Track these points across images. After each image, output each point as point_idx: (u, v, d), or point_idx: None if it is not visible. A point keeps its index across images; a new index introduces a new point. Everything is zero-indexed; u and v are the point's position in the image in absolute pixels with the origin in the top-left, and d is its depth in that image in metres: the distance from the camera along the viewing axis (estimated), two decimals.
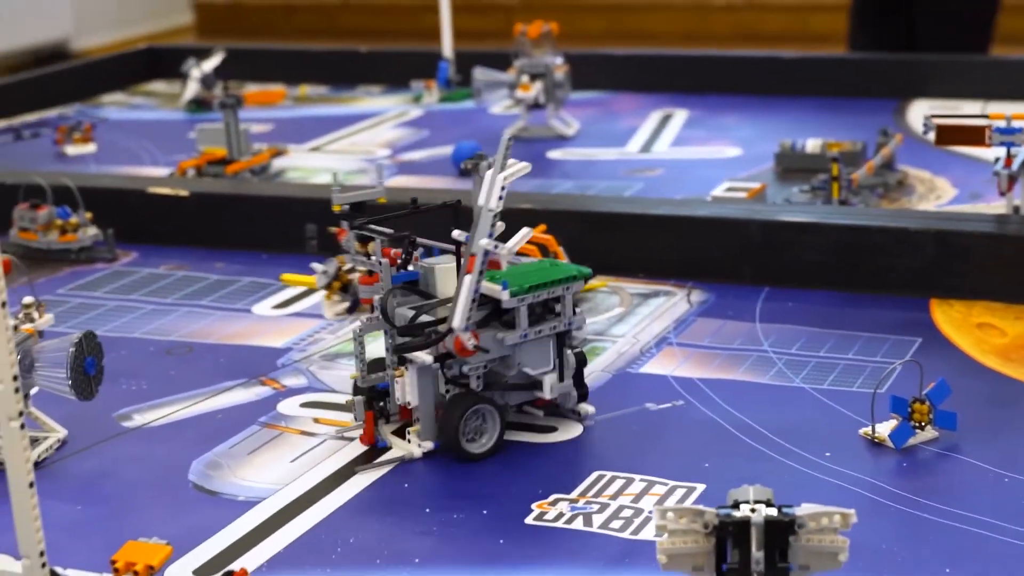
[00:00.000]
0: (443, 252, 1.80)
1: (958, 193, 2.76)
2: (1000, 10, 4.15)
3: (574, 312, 1.76)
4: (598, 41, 6.68)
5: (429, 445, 1.76)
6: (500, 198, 1.66)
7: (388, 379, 1.80)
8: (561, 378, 1.78)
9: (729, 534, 1.28)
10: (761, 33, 7.73)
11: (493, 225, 1.66)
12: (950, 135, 2.35)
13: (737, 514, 1.30)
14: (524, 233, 1.71)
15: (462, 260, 1.70)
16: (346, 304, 1.89)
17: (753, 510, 1.30)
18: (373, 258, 1.81)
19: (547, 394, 1.77)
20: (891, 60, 3.74)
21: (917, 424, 1.73)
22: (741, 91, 3.72)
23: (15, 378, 1.27)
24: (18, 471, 1.30)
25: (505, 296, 1.70)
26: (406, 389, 1.77)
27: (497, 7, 7.94)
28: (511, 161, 1.68)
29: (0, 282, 1.25)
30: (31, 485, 1.30)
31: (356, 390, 1.83)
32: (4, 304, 1.26)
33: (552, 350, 1.77)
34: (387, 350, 1.79)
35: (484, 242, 1.66)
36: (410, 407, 1.78)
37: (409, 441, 1.77)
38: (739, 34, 7.80)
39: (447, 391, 1.76)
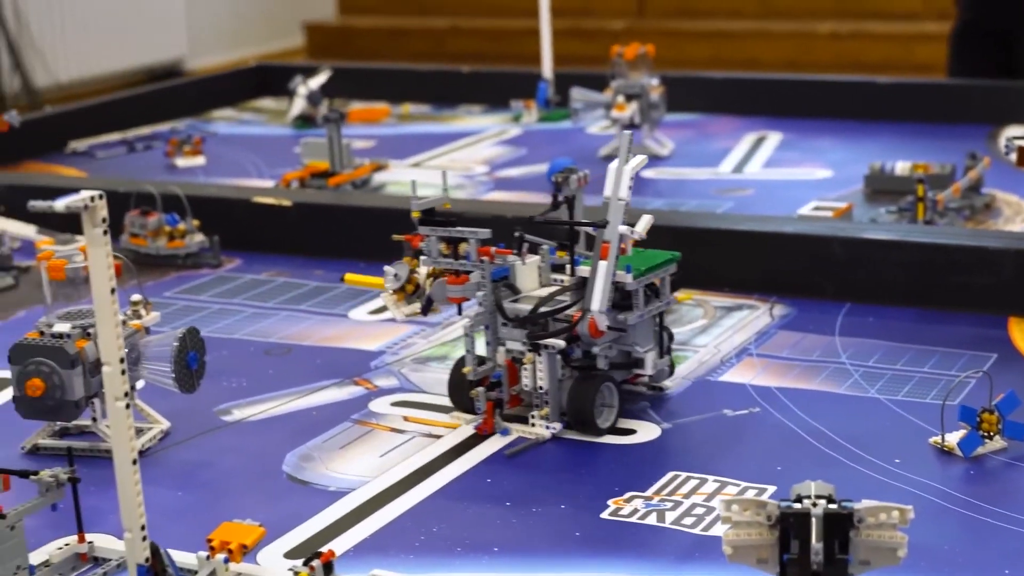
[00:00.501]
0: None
1: None
2: None
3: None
4: (702, 67, 6.72)
5: (557, 426, 1.87)
6: (629, 188, 1.79)
7: (501, 370, 1.90)
8: (660, 355, 1.93)
9: (790, 526, 1.34)
10: (865, 62, 7.72)
11: (624, 213, 1.79)
12: None
13: (798, 506, 1.36)
14: (648, 219, 1.82)
15: (574, 248, 1.88)
16: (417, 306, 1.97)
17: (814, 504, 1.36)
18: (467, 259, 1.89)
19: (649, 370, 1.92)
20: (985, 86, 3.77)
21: (986, 434, 1.78)
22: (836, 115, 3.77)
23: (121, 360, 1.36)
24: (122, 448, 1.39)
25: (629, 279, 1.85)
26: (537, 375, 1.87)
27: (602, 32, 8.01)
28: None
29: (111, 273, 1.35)
30: (134, 462, 1.40)
31: (460, 384, 1.93)
32: (114, 291, 1.36)
33: (652, 329, 1.91)
34: (491, 343, 1.90)
35: (622, 228, 1.78)
36: (540, 392, 1.87)
37: (533, 425, 1.87)
38: (843, 62, 7.80)
39: (563, 374, 1.88)
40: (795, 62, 7.85)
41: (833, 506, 1.35)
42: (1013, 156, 2.40)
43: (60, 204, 1.32)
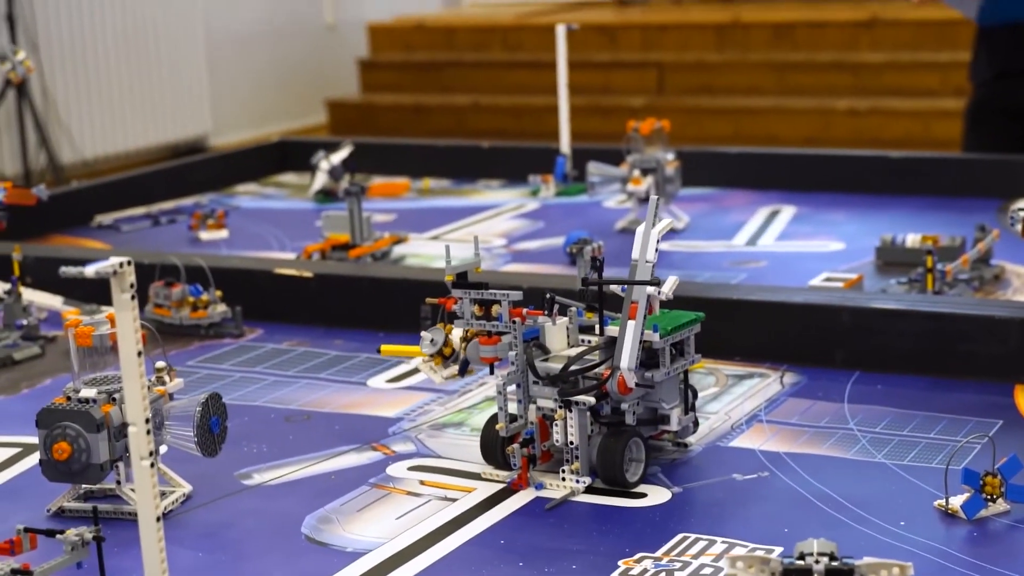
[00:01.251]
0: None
1: None
2: None
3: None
4: (722, 144, 6.80)
5: (587, 480, 1.94)
6: (656, 251, 1.86)
7: (533, 426, 1.96)
8: (685, 411, 2.00)
9: None
10: (883, 138, 7.81)
11: (651, 274, 1.86)
12: None
13: (801, 563, 1.40)
14: (674, 280, 1.89)
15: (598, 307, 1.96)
16: (455, 368, 2.03)
17: (817, 561, 1.40)
18: (499, 321, 1.96)
19: (674, 426, 1.98)
20: (995, 160, 3.82)
21: (989, 496, 1.82)
22: (849, 190, 3.82)
23: (147, 420, 1.42)
24: (147, 506, 1.44)
25: (656, 338, 1.92)
26: (568, 431, 1.93)
27: (622, 109, 8.11)
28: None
29: (137, 336, 1.40)
30: (158, 519, 1.45)
31: (492, 441, 2.00)
32: (140, 354, 1.41)
33: (678, 386, 1.99)
34: (523, 400, 1.96)
35: (650, 289, 1.85)
36: (571, 447, 1.94)
37: (564, 480, 1.93)
38: (861, 139, 7.88)
39: (593, 430, 1.94)
40: (814, 138, 7.94)
41: (835, 563, 1.40)
42: (1019, 227, 2.45)
43: (90, 270, 1.38)
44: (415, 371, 2.51)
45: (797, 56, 8.50)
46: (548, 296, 2.00)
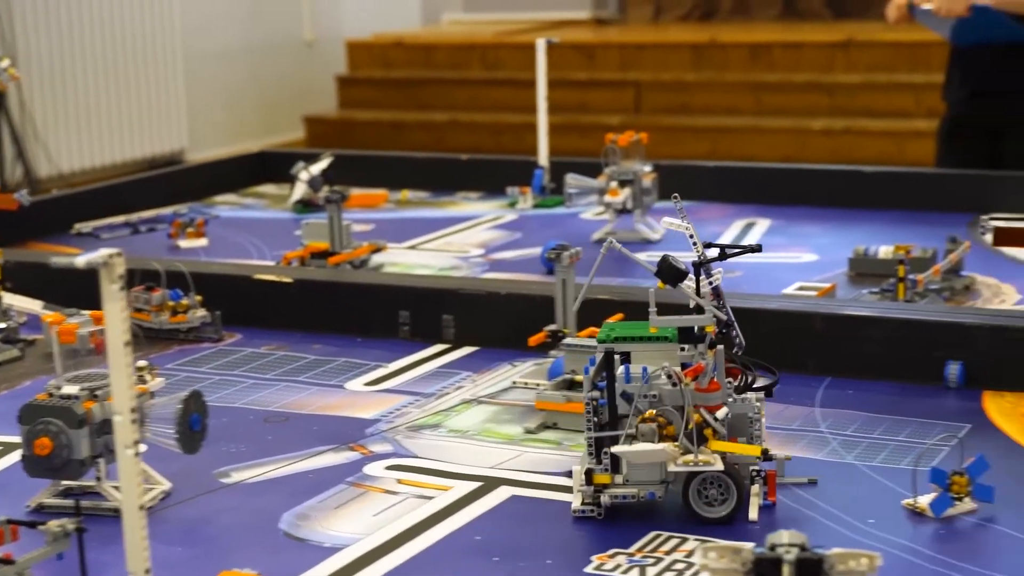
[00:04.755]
0: None
1: (1022, 298, 2.88)
2: None
3: None
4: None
5: None
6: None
7: None
8: None
9: (764, 572, 1.41)
10: (858, 159, 7.84)
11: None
12: (1007, 237, 2.49)
13: (771, 554, 1.43)
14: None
15: None
16: None
17: (787, 551, 1.43)
18: None
19: None
20: (967, 175, 3.87)
21: (956, 495, 1.85)
22: (823, 204, 3.86)
23: (132, 410, 1.44)
24: (130, 494, 1.46)
25: None
26: None
27: (599, 127, 8.13)
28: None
29: (125, 327, 1.43)
30: (141, 507, 1.47)
31: None
32: (127, 344, 1.44)
33: None
34: None
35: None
36: None
37: None
38: (836, 159, 7.91)
39: None
40: (790, 158, 7.97)
41: (805, 553, 1.43)
42: (988, 236, 2.50)
43: (81, 260, 1.41)
44: (392, 375, 2.54)
45: (773, 76, 8.54)
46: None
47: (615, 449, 1.83)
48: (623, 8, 10.52)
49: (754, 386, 1.93)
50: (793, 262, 3.28)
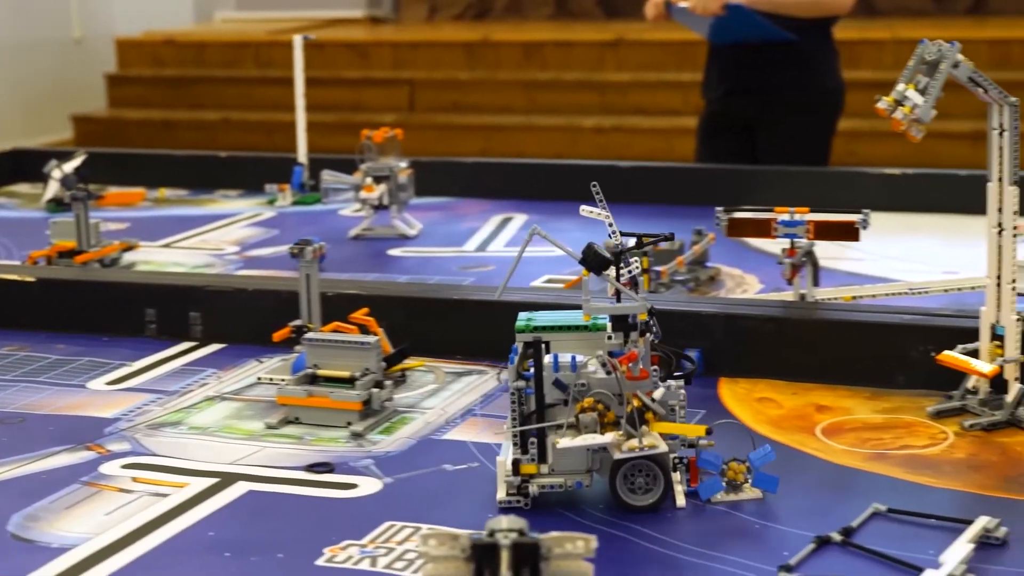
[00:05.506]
0: None
1: (763, 288, 2.95)
2: (835, 134, 4.39)
3: None
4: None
5: None
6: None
7: None
8: None
9: (482, 557, 1.43)
10: (628, 156, 7.95)
11: None
12: (740, 227, 2.55)
13: (488, 539, 1.44)
14: None
15: None
16: None
17: (505, 536, 1.45)
18: None
19: None
20: (719, 169, 3.97)
21: (730, 482, 1.88)
22: (581, 199, 3.88)
23: None
24: None
25: None
26: None
27: (373, 125, 8.12)
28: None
29: None
30: None
31: None
32: None
33: None
34: None
35: None
36: None
37: None
38: (607, 156, 8.02)
39: None
40: (562, 155, 8.07)
41: (522, 538, 1.44)
42: (723, 227, 2.56)
43: None
44: (136, 373, 2.51)
45: (545, 75, 8.62)
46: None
47: (563, 443, 1.83)
48: (397, 7, 10.53)
49: (675, 374, 1.96)
50: (548, 256, 3.31)
